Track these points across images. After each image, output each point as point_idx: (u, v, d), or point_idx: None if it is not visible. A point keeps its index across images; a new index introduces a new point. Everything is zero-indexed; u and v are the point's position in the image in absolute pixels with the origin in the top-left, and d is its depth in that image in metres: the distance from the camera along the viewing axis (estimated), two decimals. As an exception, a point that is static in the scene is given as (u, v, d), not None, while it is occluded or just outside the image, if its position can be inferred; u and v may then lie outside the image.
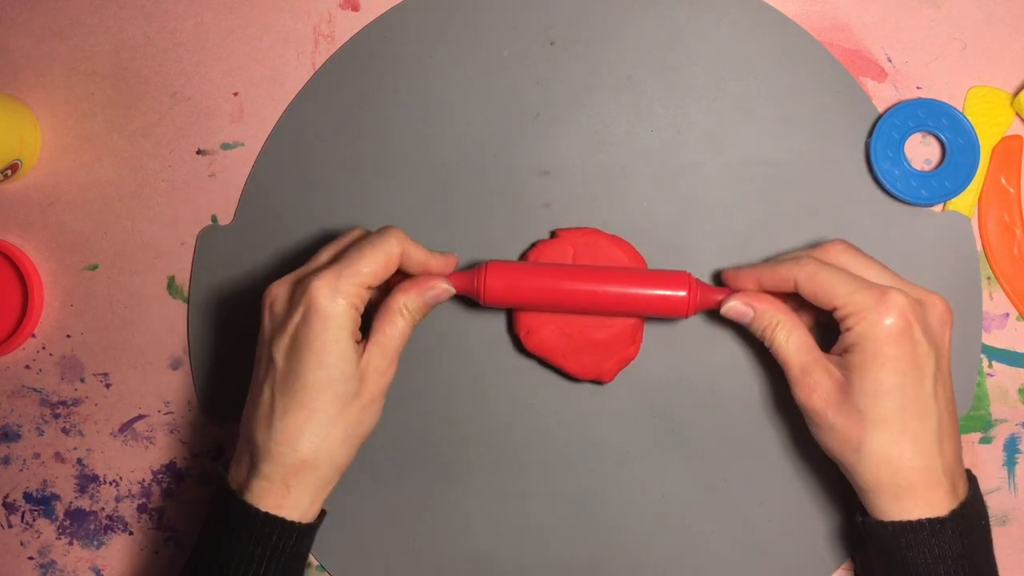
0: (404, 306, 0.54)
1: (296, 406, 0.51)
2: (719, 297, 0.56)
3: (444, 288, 0.55)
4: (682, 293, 0.55)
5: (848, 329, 0.51)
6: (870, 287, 0.51)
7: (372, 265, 0.52)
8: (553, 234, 0.61)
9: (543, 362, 0.61)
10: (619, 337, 0.59)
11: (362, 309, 0.53)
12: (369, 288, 0.52)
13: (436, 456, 0.62)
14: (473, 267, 0.57)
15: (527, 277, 0.56)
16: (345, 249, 0.54)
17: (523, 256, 0.61)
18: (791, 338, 0.53)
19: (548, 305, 0.56)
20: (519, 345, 0.61)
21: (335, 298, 0.51)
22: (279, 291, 0.53)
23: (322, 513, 0.54)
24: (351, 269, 0.51)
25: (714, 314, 0.59)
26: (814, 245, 0.58)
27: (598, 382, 0.60)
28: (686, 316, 0.56)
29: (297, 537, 0.52)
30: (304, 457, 0.51)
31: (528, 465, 0.62)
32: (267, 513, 0.51)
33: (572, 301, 0.56)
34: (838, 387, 0.52)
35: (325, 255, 0.55)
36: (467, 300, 0.61)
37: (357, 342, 0.52)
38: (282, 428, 0.51)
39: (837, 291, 0.51)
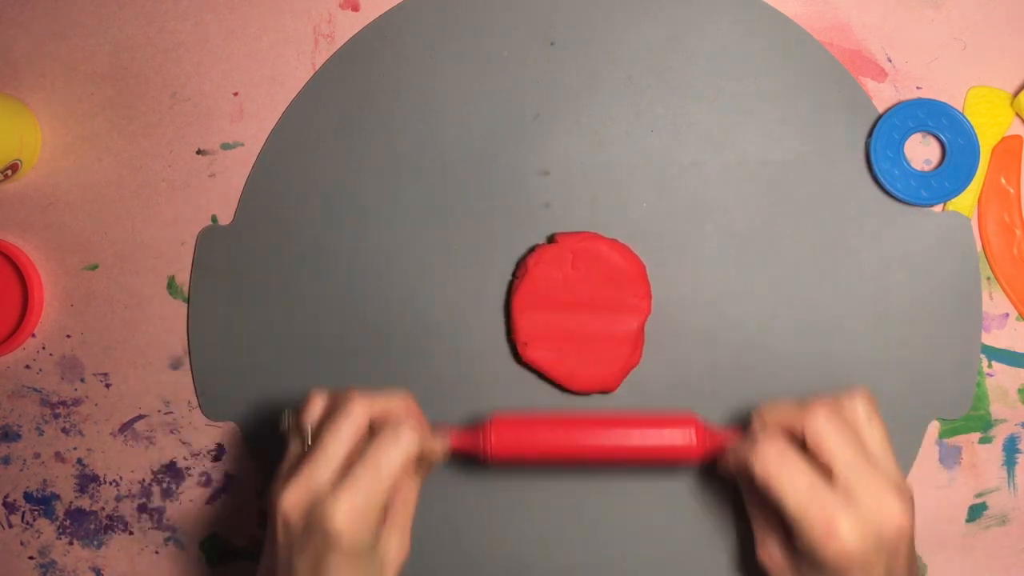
0: (405, 490, 0.53)
1: None
2: (725, 443, 0.54)
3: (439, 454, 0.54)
4: (691, 445, 0.54)
5: (798, 537, 0.49)
6: (820, 509, 0.48)
7: (394, 474, 0.50)
8: (551, 238, 0.61)
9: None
10: (620, 345, 0.59)
11: (380, 514, 0.51)
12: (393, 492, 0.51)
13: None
14: (475, 425, 0.56)
15: (532, 437, 0.54)
16: (347, 438, 0.51)
17: (521, 261, 0.61)
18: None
19: (556, 462, 0.55)
20: (518, 351, 0.61)
21: (361, 531, 0.49)
22: (293, 509, 0.50)
23: None
24: (373, 492, 0.49)
25: (714, 315, 0.59)
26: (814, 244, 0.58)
27: (602, 392, 0.60)
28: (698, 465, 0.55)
29: None
30: None
31: (528, 469, 0.62)
32: None
33: (578, 458, 0.55)
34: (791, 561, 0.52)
35: (332, 449, 0.51)
36: (466, 296, 0.61)
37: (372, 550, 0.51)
38: None
39: (786, 502, 0.49)
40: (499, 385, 0.62)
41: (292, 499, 0.50)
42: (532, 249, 0.61)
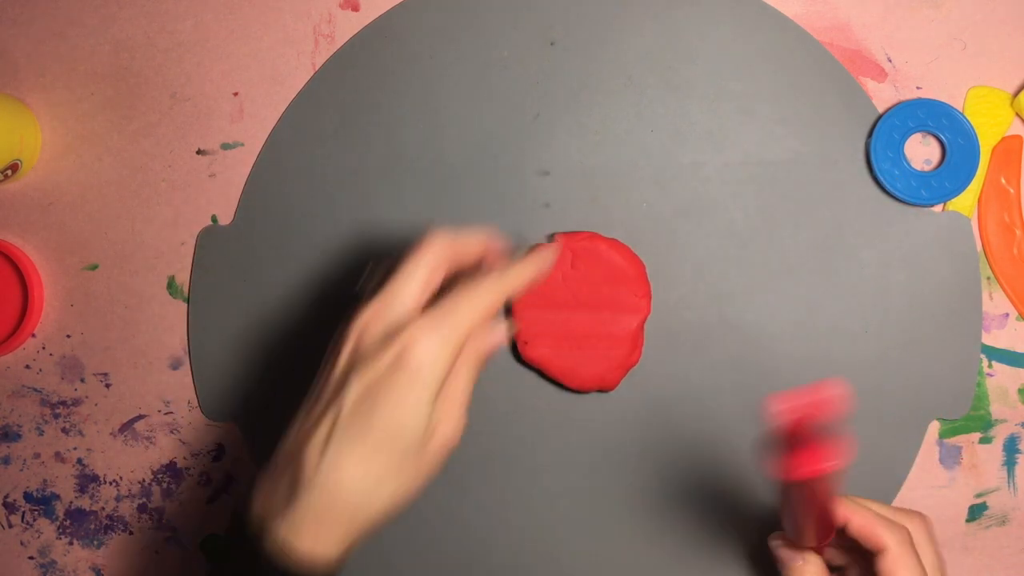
0: (469, 363, 0.50)
1: (357, 445, 0.47)
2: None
3: (500, 336, 0.51)
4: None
5: None
6: None
7: (476, 316, 0.48)
8: (551, 237, 0.61)
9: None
10: (620, 344, 0.59)
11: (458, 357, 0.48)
12: (472, 335, 0.48)
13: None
14: None
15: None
16: (436, 273, 0.49)
17: None
18: None
19: None
20: (518, 350, 0.61)
21: (435, 360, 0.46)
22: (374, 326, 0.48)
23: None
24: (454, 319, 0.47)
25: (714, 315, 0.59)
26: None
27: (601, 391, 0.61)
28: None
29: None
30: (347, 500, 0.47)
31: (528, 466, 0.62)
32: (290, 552, 0.47)
33: None
34: None
35: (418, 273, 0.49)
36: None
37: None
38: (334, 463, 0.47)
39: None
40: (499, 383, 0.62)
41: (375, 320, 0.48)
42: (532, 249, 0.61)
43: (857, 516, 0.50)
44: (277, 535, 0.47)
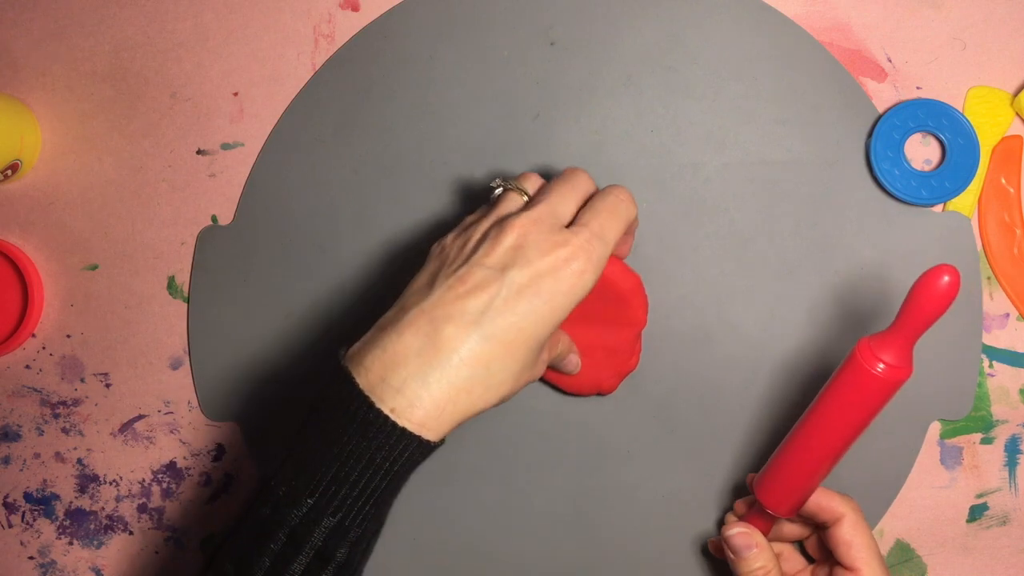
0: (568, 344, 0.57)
1: (512, 331, 0.47)
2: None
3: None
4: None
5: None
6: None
7: (617, 239, 0.50)
8: None
9: None
10: (617, 354, 0.58)
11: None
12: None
13: (436, 456, 0.62)
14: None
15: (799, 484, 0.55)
16: (590, 205, 0.51)
17: None
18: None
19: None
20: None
21: (596, 270, 0.48)
22: (539, 228, 0.49)
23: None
24: (605, 241, 0.49)
25: (714, 315, 0.59)
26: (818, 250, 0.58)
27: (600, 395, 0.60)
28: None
29: (422, 455, 0.47)
30: (482, 382, 0.46)
31: (528, 465, 0.62)
32: (403, 418, 0.45)
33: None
34: None
35: (573, 195, 0.51)
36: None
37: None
38: (485, 342, 0.46)
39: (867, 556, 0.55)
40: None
41: (530, 222, 0.49)
42: None
43: (814, 494, 0.56)
44: (398, 398, 0.45)
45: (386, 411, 0.45)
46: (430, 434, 0.46)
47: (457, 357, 0.46)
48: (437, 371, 0.46)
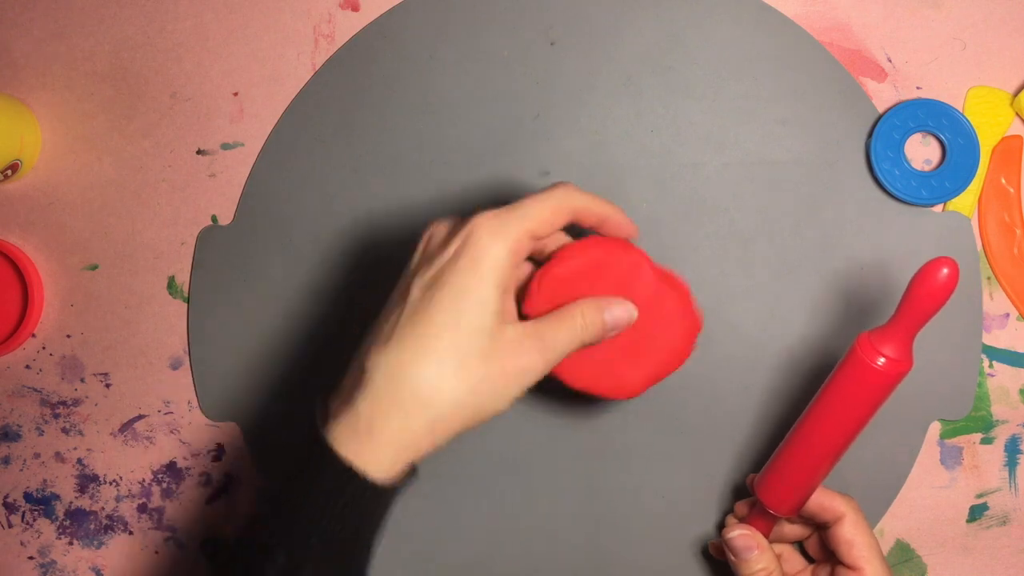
0: (582, 313, 0.49)
1: (414, 338, 0.45)
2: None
3: (626, 311, 0.50)
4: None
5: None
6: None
7: (540, 211, 0.47)
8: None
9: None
10: (664, 347, 0.53)
11: (520, 260, 0.48)
12: (534, 238, 0.47)
13: (435, 455, 0.62)
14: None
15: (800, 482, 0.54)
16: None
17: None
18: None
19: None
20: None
21: (495, 239, 0.46)
22: (440, 227, 0.49)
23: (412, 472, 0.47)
24: (518, 212, 0.47)
25: (714, 315, 0.59)
26: (817, 245, 0.57)
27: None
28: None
29: (370, 496, 0.45)
30: (402, 396, 0.44)
31: (529, 468, 0.62)
32: (341, 461, 0.44)
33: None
34: None
35: (540, 206, 0.49)
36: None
37: (506, 293, 0.48)
38: (390, 359, 0.45)
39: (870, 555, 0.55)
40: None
41: (442, 223, 0.49)
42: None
43: (814, 494, 0.55)
44: (331, 441, 0.45)
45: (326, 459, 0.45)
46: (377, 478, 0.45)
47: (375, 389, 0.45)
48: (363, 393, 0.45)
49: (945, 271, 0.47)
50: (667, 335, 0.53)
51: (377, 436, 0.45)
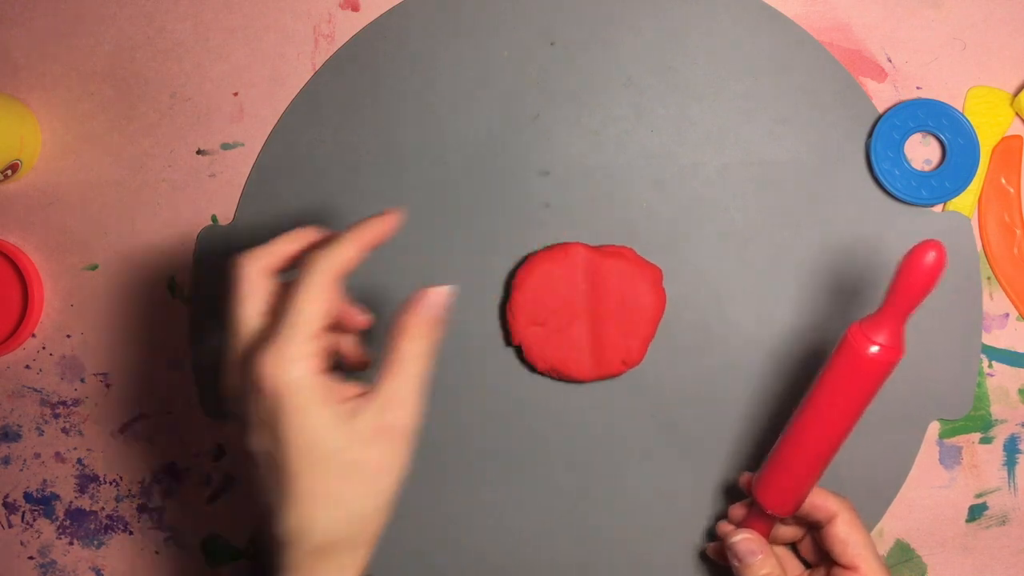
0: (409, 348, 0.46)
1: (292, 498, 0.44)
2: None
3: (443, 295, 0.48)
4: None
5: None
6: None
7: (314, 307, 0.44)
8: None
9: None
10: (635, 310, 0.59)
11: (327, 360, 0.46)
12: (324, 330, 0.45)
13: (434, 455, 0.62)
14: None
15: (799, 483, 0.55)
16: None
17: (517, 269, 0.61)
18: None
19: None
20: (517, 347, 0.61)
21: (287, 370, 0.43)
22: (231, 382, 0.47)
23: None
24: (291, 326, 0.44)
25: (714, 315, 0.59)
26: (815, 246, 0.58)
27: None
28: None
29: None
30: (320, 543, 0.45)
31: (527, 464, 0.62)
32: None
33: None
34: None
35: (241, 306, 0.48)
36: (461, 294, 0.61)
37: (325, 397, 0.44)
38: (290, 524, 0.45)
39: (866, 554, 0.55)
40: (499, 382, 0.62)
41: (229, 376, 0.47)
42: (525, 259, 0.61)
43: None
44: None
45: None
46: None
47: (287, 538, 0.45)
48: (287, 552, 0.46)
49: (932, 254, 0.47)
50: (633, 301, 0.59)
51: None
